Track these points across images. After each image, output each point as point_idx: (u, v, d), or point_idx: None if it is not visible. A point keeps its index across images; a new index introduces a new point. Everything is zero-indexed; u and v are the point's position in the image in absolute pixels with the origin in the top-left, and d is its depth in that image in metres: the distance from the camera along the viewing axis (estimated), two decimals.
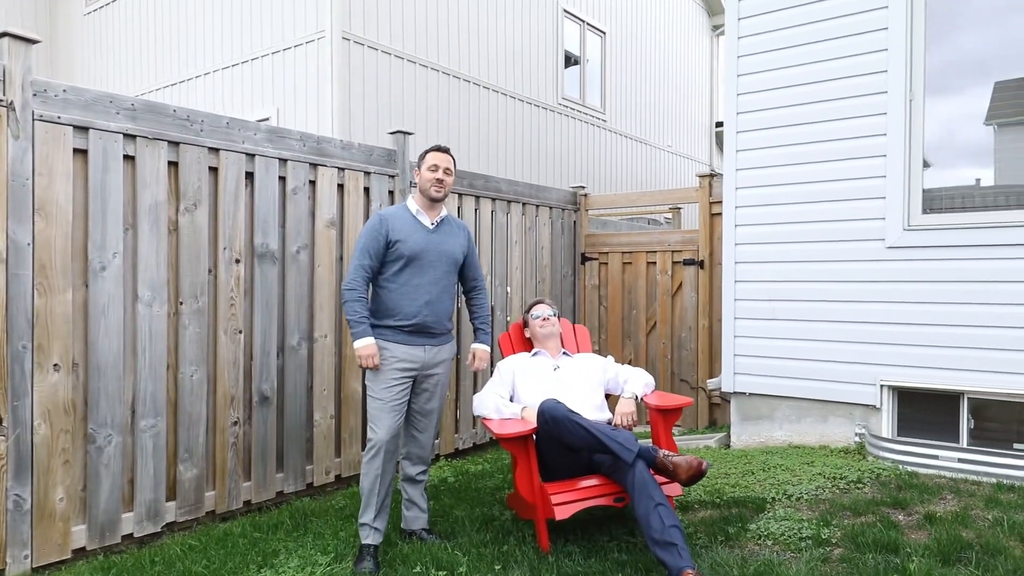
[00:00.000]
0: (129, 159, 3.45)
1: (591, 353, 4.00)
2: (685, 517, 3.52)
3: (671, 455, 3.03)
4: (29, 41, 3.10)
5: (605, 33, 10.96)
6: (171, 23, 8.75)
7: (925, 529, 3.17)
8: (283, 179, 4.12)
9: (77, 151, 3.26)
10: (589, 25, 10.63)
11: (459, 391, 5.27)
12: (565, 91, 10.20)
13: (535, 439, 3.24)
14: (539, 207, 6.20)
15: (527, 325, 3.97)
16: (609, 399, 3.79)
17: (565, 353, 3.88)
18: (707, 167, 13.91)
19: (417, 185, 3.46)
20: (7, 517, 3.02)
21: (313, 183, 4.28)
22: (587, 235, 6.81)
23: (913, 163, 4.37)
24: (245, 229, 3.94)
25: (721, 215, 5.85)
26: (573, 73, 10.48)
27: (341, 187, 4.45)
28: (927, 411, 4.38)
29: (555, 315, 3.92)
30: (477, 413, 3.56)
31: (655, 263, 6.39)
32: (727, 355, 5.08)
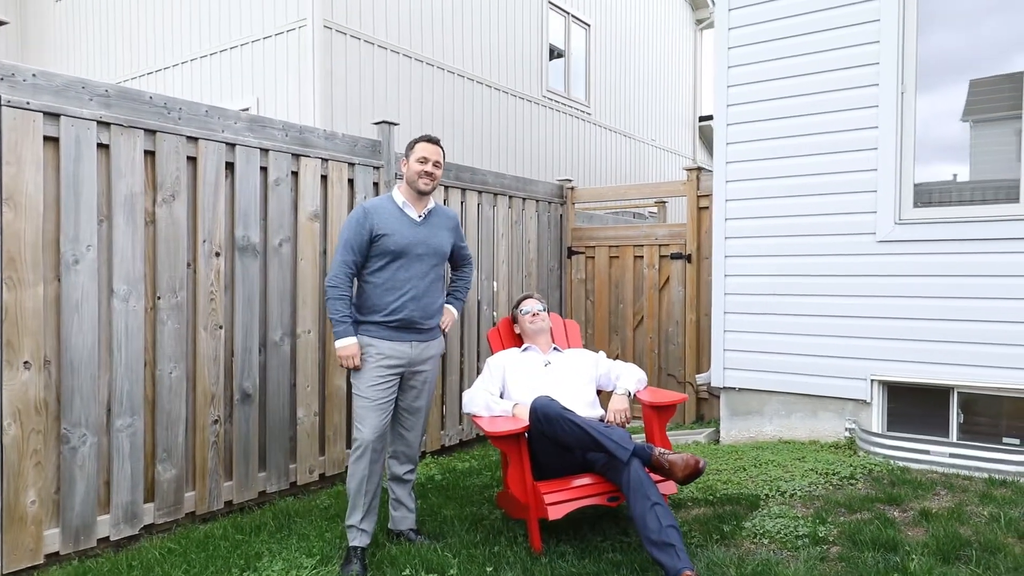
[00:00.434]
0: (103, 148, 3.31)
1: (582, 348, 3.93)
2: (679, 515, 3.46)
3: (667, 453, 2.97)
4: None
5: (590, 25, 10.88)
6: (146, 10, 8.52)
7: (921, 526, 3.13)
8: (265, 170, 3.99)
9: (48, 139, 3.12)
10: (574, 17, 10.55)
11: (445, 386, 5.18)
12: (550, 83, 10.10)
13: (527, 437, 3.17)
14: (525, 200, 6.11)
15: (516, 320, 3.89)
16: (600, 395, 3.72)
17: (556, 348, 3.80)
18: (690, 161, 13.91)
19: (404, 176, 3.34)
20: None
21: (296, 174, 4.16)
22: (574, 229, 6.73)
23: (904, 156, 4.34)
24: (225, 221, 3.81)
25: (708, 209, 5.83)
26: (558, 66, 10.39)
27: (325, 178, 4.33)
28: (916, 405, 4.37)
29: (545, 310, 3.84)
30: (467, 411, 3.47)
31: (642, 257, 6.33)
32: (717, 350, 5.04)
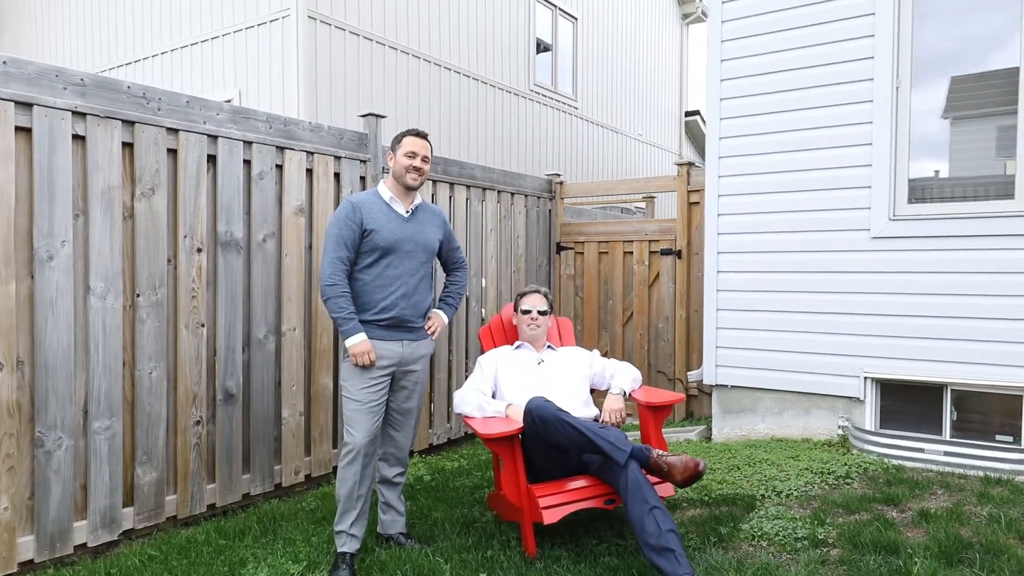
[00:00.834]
0: (79, 139, 3.18)
1: (575, 346, 3.84)
2: (674, 516, 3.37)
3: (665, 454, 2.89)
4: None
5: (576, 19, 10.79)
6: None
7: (921, 527, 3.09)
8: (248, 163, 3.87)
9: (20, 129, 2.98)
10: (561, 10, 10.45)
11: (433, 384, 5.08)
12: (537, 77, 10.00)
13: (521, 438, 3.08)
14: (514, 195, 6.01)
15: (516, 310, 3.75)
16: (593, 394, 3.64)
17: (549, 346, 3.70)
18: (676, 156, 13.87)
19: (391, 171, 3.24)
20: None
21: (280, 167, 4.04)
22: (563, 224, 6.65)
23: (899, 152, 4.30)
24: (207, 216, 3.68)
25: (699, 204, 5.77)
26: (545, 60, 10.29)
27: (310, 172, 4.21)
28: (909, 403, 4.34)
29: (549, 310, 3.66)
30: (458, 411, 3.37)
31: (632, 253, 6.26)
32: (709, 347, 4.98)
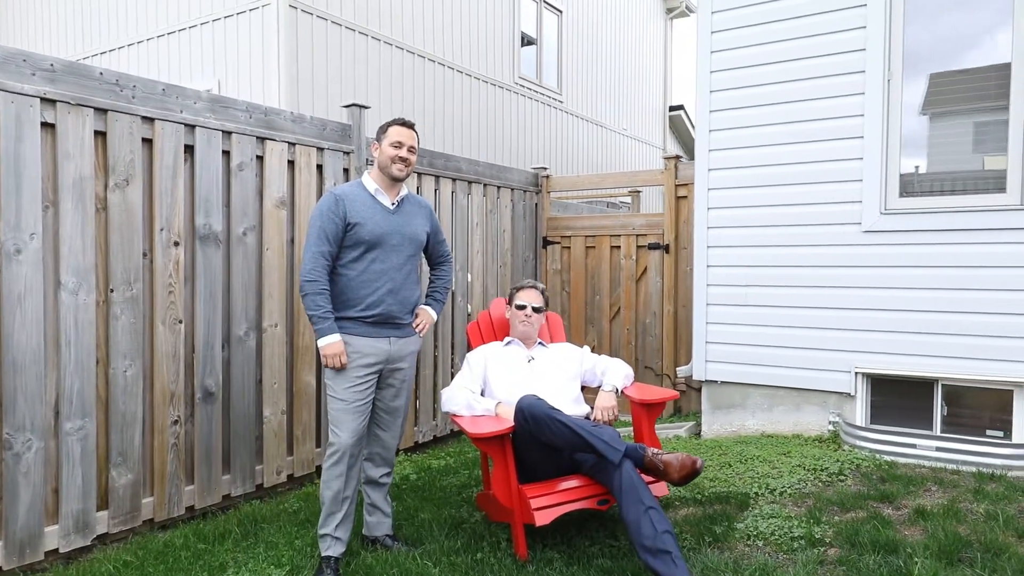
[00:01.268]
0: (48, 127, 3.04)
1: (566, 343, 3.76)
2: (667, 516, 3.30)
3: (660, 453, 2.82)
4: None
5: (561, 12, 10.68)
6: None
7: (918, 525, 3.04)
8: (227, 154, 3.74)
9: None
10: (546, 3, 10.33)
11: (419, 380, 4.98)
12: (522, 71, 9.89)
13: (511, 437, 2.99)
14: (500, 188, 5.92)
15: (510, 303, 3.66)
16: (584, 391, 3.57)
17: (540, 343, 3.61)
18: (661, 150, 13.83)
19: (376, 161, 3.13)
20: None
21: (261, 159, 3.91)
22: (549, 218, 6.56)
23: (891, 145, 4.25)
24: (185, 208, 3.55)
25: (687, 198, 5.72)
26: (530, 53, 10.18)
27: (292, 163, 4.08)
28: (900, 398, 4.31)
29: (544, 306, 3.59)
30: (446, 410, 3.27)
31: (619, 247, 6.19)
32: (698, 342, 4.92)
